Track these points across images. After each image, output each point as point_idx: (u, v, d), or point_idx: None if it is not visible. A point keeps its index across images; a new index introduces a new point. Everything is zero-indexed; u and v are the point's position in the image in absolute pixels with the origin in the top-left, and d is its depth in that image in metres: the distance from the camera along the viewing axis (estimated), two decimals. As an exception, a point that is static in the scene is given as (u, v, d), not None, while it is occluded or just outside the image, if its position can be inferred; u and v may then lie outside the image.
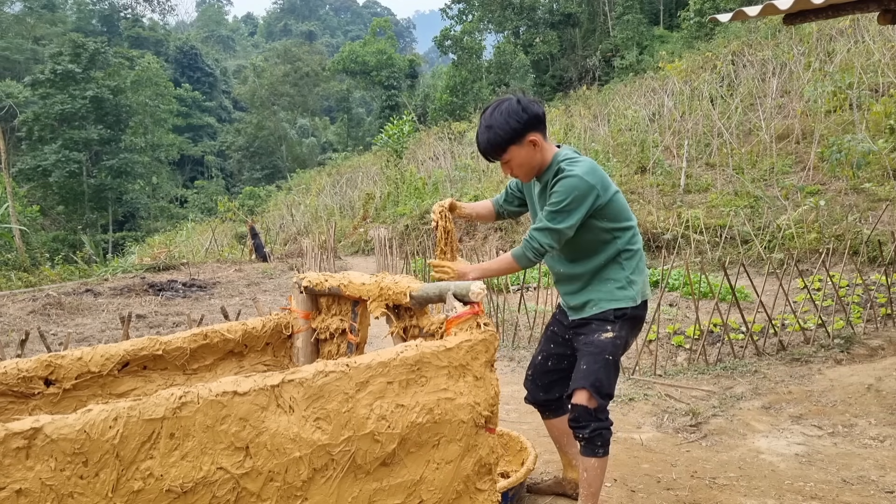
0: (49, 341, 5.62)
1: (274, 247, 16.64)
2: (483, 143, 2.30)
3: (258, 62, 52.08)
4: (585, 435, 2.36)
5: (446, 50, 34.32)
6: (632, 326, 2.47)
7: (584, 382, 2.35)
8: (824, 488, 2.90)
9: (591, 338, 2.41)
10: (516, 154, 2.29)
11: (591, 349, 2.39)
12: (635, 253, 2.44)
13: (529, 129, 2.26)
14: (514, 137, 2.25)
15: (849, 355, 4.63)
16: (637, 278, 2.43)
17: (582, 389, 2.36)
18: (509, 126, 2.24)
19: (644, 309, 2.50)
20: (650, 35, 27.79)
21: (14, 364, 1.74)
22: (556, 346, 2.65)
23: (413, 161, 19.64)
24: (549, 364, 2.66)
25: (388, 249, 11.09)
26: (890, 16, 3.81)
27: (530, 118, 2.25)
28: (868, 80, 11.46)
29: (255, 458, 1.35)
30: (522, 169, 2.35)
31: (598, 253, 2.39)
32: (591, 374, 2.36)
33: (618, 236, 2.38)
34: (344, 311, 2.16)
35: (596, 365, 2.36)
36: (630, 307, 2.41)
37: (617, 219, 2.37)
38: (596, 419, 2.36)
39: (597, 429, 2.36)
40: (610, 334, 2.38)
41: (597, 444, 2.37)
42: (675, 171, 11.67)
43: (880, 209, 7.49)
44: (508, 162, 2.33)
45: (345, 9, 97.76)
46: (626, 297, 2.41)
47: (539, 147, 2.31)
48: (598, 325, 2.41)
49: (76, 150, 31.65)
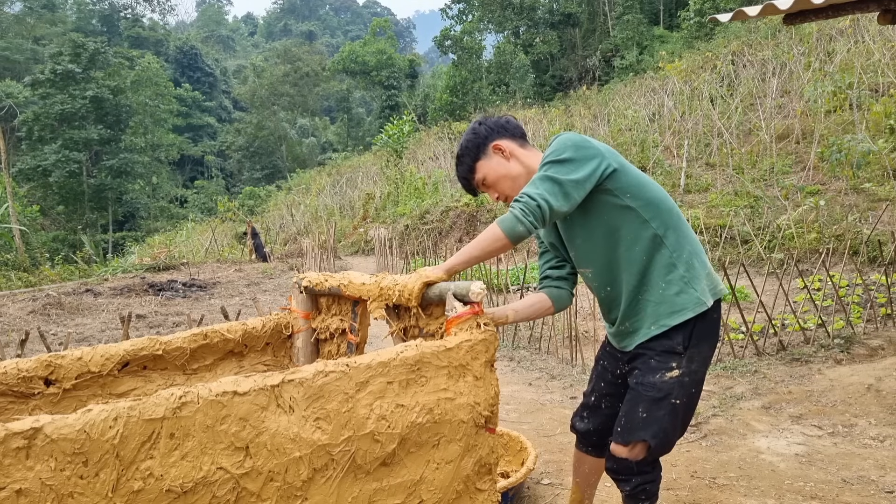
0: (49, 341, 5.63)
1: (274, 247, 16.65)
2: (458, 174, 2.07)
3: (258, 62, 52.15)
4: (627, 490, 1.99)
5: (446, 50, 34.34)
6: (707, 341, 1.90)
7: (645, 434, 1.86)
8: (824, 488, 2.90)
9: (651, 378, 1.86)
10: (486, 168, 1.98)
11: (652, 393, 1.85)
12: (684, 241, 1.87)
13: (490, 137, 1.99)
14: (478, 152, 1.99)
15: (849, 355, 4.63)
16: (698, 272, 1.87)
17: (640, 443, 1.88)
18: (470, 144, 2.00)
19: (718, 310, 1.93)
20: (650, 35, 27.79)
21: (14, 364, 1.74)
22: (608, 385, 2.13)
23: (413, 161, 19.66)
24: (603, 406, 2.15)
25: (388, 249, 11.10)
26: (890, 16, 3.81)
27: (489, 128, 2.00)
28: (868, 80, 11.47)
29: (255, 458, 1.35)
30: (505, 183, 1.98)
31: (632, 248, 1.86)
32: (652, 423, 1.85)
33: (651, 219, 1.84)
34: (344, 311, 2.16)
35: (660, 412, 1.85)
36: (698, 315, 1.85)
37: (641, 194, 1.84)
38: (640, 473, 1.96)
39: (640, 484, 1.97)
40: (675, 373, 1.84)
41: (640, 499, 1.99)
42: (675, 171, 11.67)
43: (880, 209, 7.49)
44: (485, 182, 2.00)
45: (345, 9, 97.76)
46: (692, 301, 1.84)
47: (508, 153, 1.98)
48: (659, 361, 1.86)
49: (76, 150, 31.67)
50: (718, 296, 1.92)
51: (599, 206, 1.85)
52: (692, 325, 1.85)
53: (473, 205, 13.01)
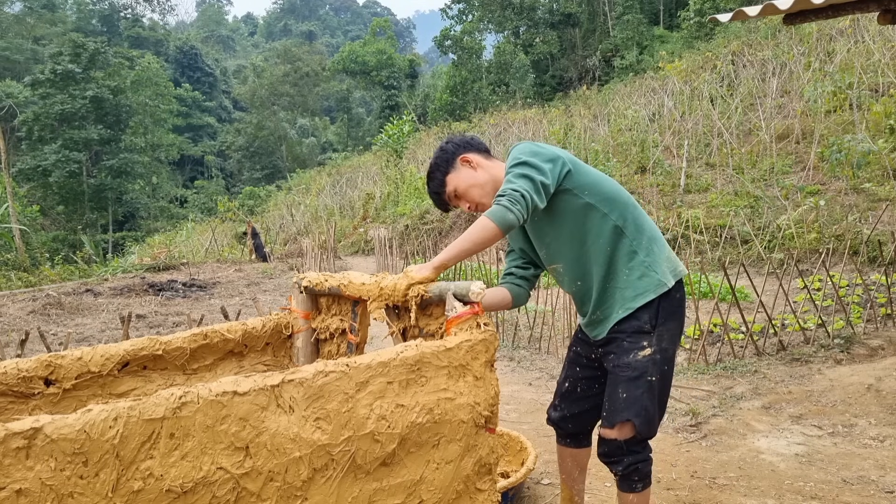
0: (49, 341, 5.62)
1: (274, 247, 16.65)
2: (429, 190, 2.19)
3: (258, 62, 52.16)
4: (619, 471, 2.04)
5: (446, 50, 34.33)
6: (673, 319, 2.03)
7: (629, 414, 1.96)
8: (824, 488, 2.90)
9: (626, 359, 1.99)
10: (455, 180, 2.11)
11: (628, 373, 1.98)
12: (642, 229, 2.03)
13: (458, 152, 2.13)
14: (447, 167, 2.12)
15: (849, 355, 4.63)
16: (657, 256, 2.02)
17: (626, 423, 1.98)
18: (440, 160, 2.14)
19: (680, 289, 2.06)
20: (650, 35, 27.79)
21: (14, 364, 1.74)
22: (583, 368, 2.24)
23: (413, 161, 19.65)
24: (578, 390, 2.25)
25: (388, 249, 11.10)
26: (890, 16, 3.81)
27: (456, 145, 2.15)
28: (868, 80, 11.47)
29: (255, 458, 1.35)
30: (475, 191, 2.09)
31: (596, 241, 2.00)
32: (633, 402, 1.96)
33: (610, 212, 1.99)
34: (344, 311, 2.16)
35: (638, 391, 1.96)
36: (661, 295, 1.99)
37: (600, 190, 2.00)
38: (630, 452, 2.02)
39: (632, 463, 2.02)
40: (647, 351, 1.97)
41: (633, 480, 2.04)
42: (675, 171, 11.68)
43: (880, 209, 7.49)
44: (456, 192, 2.12)
45: (345, 9, 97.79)
46: (653, 283, 1.99)
47: (475, 164, 2.11)
48: (630, 342, 1.99)
49: (76, 150, 31.67)
50: (679, 276, 2.06)
51: (563, 205, 2.00)
52: (657, 304, 1.99)
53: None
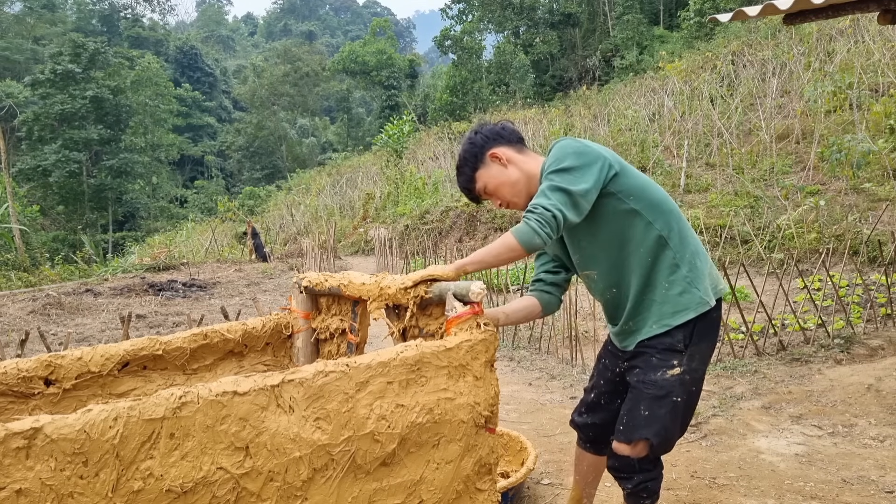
0: (49, 341, 5.62)
1: (274, 247, 16.65)
2: (459, 185, 2.07)
3: (258, 62, 52.13)
4: (629, 488, 1.97)
5: (446, 50, 34.35)
6: (707, 339, 1.91)
7: (648, 433, 1.87)
8: (824, 488, 2.90)
9: (653, 376, 1.88)
10: (485, 177, 1.98)
11: (653, 391, 1.87)
12: (687, 241, 1.89)
13: (487, 146, 1.98)
14: (476, 162, 1.98)
15: (849, 355, 4.63)
16: (700, 272, 1.88)
17: (642, 441, 1.90)
18: (468, 154, 2.00)
19: (719, 308, 1.95)
20: (650, 35, 27.80)
21: (14, 364, 1.74)
22: (607, 382, 2.15)
23: (413, 161, 19.66)
24: (602, 403, 2.17)
25: (388, 249, 11.10)
26: (890, 16, 3.81)
27: (485, 137, 1.99)
28: (868, 80, 11.47)
29: (255, 458, 1.35)
30: (505, 189, 1.97)
31: (637, 250, 1.88)
32: (654, 421, 1.87)
33: (654, 220, 1.85)
34: (344, 311, 2.16)
35: (661, 410, 1.86)
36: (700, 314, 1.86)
37: (644, 195, 1.86)
38: (642, 470, 1.94)
39: (643, 482, 1.94)
40: (676, 371, 1.86)
41: (642, 497, 1.97)
42: (675, 171, 11.67)
43: (880, 209, 7.49)
44: (486, 190, 2.01)
45: (345, 9, 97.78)
46: (694, 301, 1.86)
47: (506, 160, 1.96)
48: (660, 359, 1.87)
49: (76, 150, 31.67)
50: (720, 294, 1.94)
51: (604, 209, 1.86)
52: (693, 323, 1.87)
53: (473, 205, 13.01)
